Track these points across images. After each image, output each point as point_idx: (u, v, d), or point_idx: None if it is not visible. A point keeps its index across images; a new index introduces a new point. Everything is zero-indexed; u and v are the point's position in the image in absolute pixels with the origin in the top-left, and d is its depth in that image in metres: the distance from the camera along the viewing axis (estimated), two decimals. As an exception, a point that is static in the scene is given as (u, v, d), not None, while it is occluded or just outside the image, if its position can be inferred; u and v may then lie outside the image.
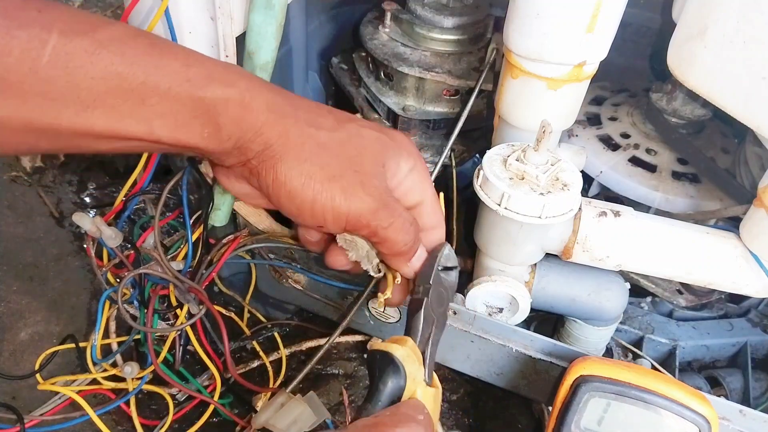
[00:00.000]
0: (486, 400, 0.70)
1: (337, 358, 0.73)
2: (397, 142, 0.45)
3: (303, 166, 0.41)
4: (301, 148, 0.41)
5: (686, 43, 0.49)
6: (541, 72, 0.55)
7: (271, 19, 0.49)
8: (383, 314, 0.61)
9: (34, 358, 0.68)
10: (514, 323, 0.59)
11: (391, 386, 0.37)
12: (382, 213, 0.42)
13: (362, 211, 0.41)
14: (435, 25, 0.68)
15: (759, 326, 0.71)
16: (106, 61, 0.33)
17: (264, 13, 0.49)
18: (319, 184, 0.41)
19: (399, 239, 0.43)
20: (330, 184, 0.41)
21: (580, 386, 0.45)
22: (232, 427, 0.64)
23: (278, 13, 0.49)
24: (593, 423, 0.45)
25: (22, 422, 0.60)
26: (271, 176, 0.41)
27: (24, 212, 0.88)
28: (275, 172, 0.41)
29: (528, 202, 0.50)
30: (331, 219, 0.42)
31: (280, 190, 0.41)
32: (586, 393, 0.44)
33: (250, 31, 0.50)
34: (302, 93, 0.78)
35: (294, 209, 0.42)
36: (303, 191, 0.41)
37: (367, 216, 0.42)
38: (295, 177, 0.41)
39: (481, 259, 0.61)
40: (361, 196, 0.41)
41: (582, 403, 0.45)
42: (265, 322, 0.73)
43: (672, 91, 0.67)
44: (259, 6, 0.49)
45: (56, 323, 0.74)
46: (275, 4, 0.49)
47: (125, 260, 0.58)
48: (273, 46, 0.51)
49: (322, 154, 0.41)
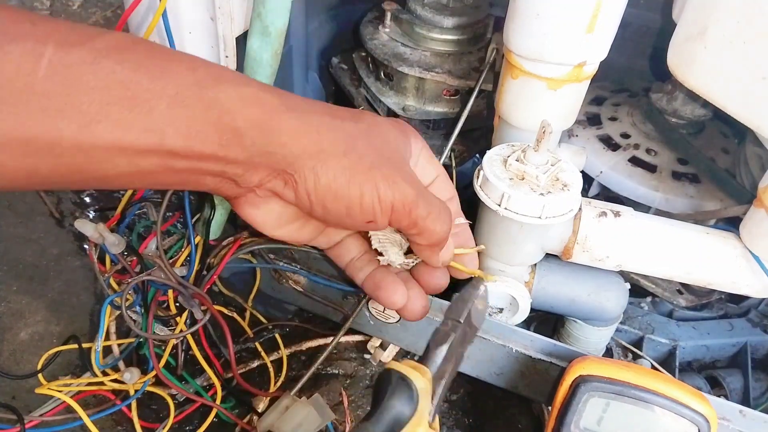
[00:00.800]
0: (486, 400, 0.70)
1: (337, 358, 0.73)
2: (404, 126, 0.46)
3: (343, 161, 0.38)
4: (335, 143, 0.38)
5: (686, 43, 0.49)
6: (541, 72, 0.55)
7: (267, 46, 0.49)
8: (383, 314, 0.61)
9: (34, 358, 0.68)
10: (514, 323, 0.59)
11: (397, 412, 0.36)
12: (421, 201, 0.40)
13: (406, 198, 0.39)
14: (435, 25, 0.68)
15: (759, 326, 0.71)
16: (106, 69, 0.32)
17: (261, 40, 0.49)
18: (362, 175, 0.38)
19: (437, 229, 0.42)
20: (372, 173, 0.38)
21: (579, 386, 0.45)
22: (233, 429, 0.64)
23: (274, 41, 0.49)
24: (593, 423, 0.45)
25: (23, 422, 0.60)
26: (312, 180, 0.38)
27: (24, 212, 0.88)
28: (316, 174, 0.37)
29: (528, 203, 0.50)
30: (380, 211, 0.39)
31: (326, 193, 0.38)
32: (585, 393, 0.44)
33: (247, 55, 0.50)
34: (302, 93, 0.78)
35: (343, 210, 0.39)
36: (350, 187, 0.38)
37: (410, 203, 0.40)
38: (339, 174, 0.38)
39: (481, 258, 0.61)
40: (401, 183, 0.39)
41: (581, 403, 0.45)
42: (266, 323, 0.73)
43: (672, 91, 0.67)
44: (256, 32, 0.49)
45: (56, 323, 0.74)
46: (272, 31, 0.49)
47: (128, 266, 0.58)
48: (268, 72, 0.51)
49: (357, 145, 0.39)
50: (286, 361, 0.70)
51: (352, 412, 0.68)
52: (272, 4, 0.48)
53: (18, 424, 0.60)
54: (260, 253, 0.62)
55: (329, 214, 0.40)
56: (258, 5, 0.48)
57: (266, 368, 0.69)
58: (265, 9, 0.48)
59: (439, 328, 0.41)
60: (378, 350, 0.69)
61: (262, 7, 0.48)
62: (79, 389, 0.64)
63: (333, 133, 0.38)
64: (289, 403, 0.54)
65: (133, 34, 0.53)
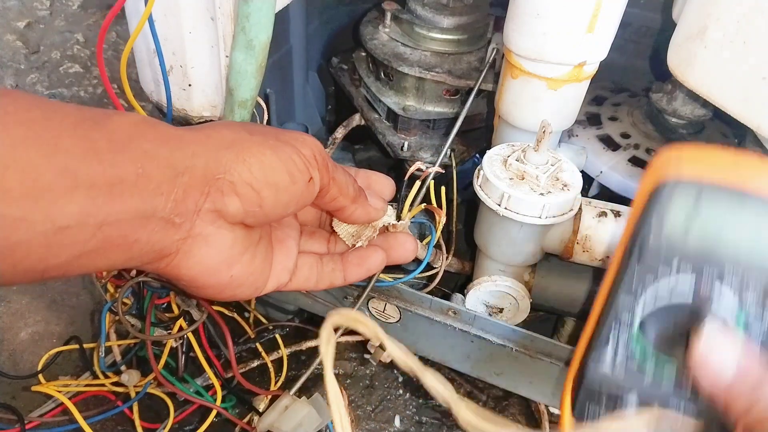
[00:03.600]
0: (486, 400, 0.70)
1: (337, 358, 0.73)
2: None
3: (255, 139, 0.36)
4: (238, 132, 0.36)
5: (686, 43, 0.49)
6: (541, 72, 0.55)
7: (251, 59, 0.50)
8: (383, 314, 0.61)
9: (34, 358, 0.68)
10: (514, 323, 0.59)
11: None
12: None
13: (319, 148, 0.38)
14: (435, 25, 0.68)
15: (759, 326, 0.71)
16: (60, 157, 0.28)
17: (245, 53, 0.49)
18: (276, 143, 0.36)
19: (344, 179, 0.41)
20: (283, 141, 0.37)
21: (665, 187, 0.35)
22: (233, 429, 0.64)
23: (258, 54, 0.49)
24: (679, 230, 0.36)
25: (23, 423, 0.60)
26: (246, 169, 0.35)
27: (24, 212, 0.88)
28: (245, 161, 0.35)
29: (528, 202, 0.50)
30: (311, 165, 0.38)
31: (265, 173, 0.36)
32: (670, 196, 0.35)
33: (232, 68, 0.50)
34: (302, 93, 0.78)
35: (286, 179, 0.37)
36: (279, 157, 0.36)
37: (324, 153, 0.39)
38: (262, 151, 0.36)
39: (481, 259, 0.61)
40: (307, 138, 0.38)
41: (665, 210, 0.36)
42: (267, 324, 0.73)
43: (672, 91, 0.67)
44: (240, 45, 0.49)
45: (56, 323, 0.74)
46: (255, 45, 0.49)
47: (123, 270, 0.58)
48: (252, 85, 0.51)
49: (254, 129, 0.38)
50: (286, 361, 0.70)
51: (352, 412, 0.68)
52: (255, 18, 0.48)
53: (18, 424, 0.60)
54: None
55: (278, 194, 0.36)
56: (242, 19, 0.48)
57: (266, 368, 0.69)
58: (249, 23, 0.48)
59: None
60: (378, 350, 0.69)
61: (246, 21, 0.48)
62: (78, 390, 0.65)
63: (227, 127, 0.37)
64: (289, 403, 0.54)
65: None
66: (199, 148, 0.34)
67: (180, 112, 0.55)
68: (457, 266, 0.65)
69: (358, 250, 0.46)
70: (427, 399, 0.70)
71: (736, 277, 0.36)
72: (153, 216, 0.32)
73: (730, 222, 0.37)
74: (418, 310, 0.58)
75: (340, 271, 0.45)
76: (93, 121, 0.30)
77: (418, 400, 0.70)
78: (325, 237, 0.48)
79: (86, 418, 0.60)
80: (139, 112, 0.54)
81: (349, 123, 0.76)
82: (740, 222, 0.37)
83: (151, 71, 0.55)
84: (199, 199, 0.34)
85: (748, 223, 0.36)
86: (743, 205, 0.36)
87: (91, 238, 0.29)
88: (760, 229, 0.36)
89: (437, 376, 0.38)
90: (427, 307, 0.58)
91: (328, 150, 0.72)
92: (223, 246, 0.36)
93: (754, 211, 0.36)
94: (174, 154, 0.32)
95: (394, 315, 0.60)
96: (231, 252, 0.37)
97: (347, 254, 0.46)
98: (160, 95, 0.56)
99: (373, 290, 0.58)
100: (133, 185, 0.30)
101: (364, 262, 0.45)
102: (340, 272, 0.45)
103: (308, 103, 0.79)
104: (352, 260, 0.45)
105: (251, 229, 0.38)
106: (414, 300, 0.58)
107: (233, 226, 0.36)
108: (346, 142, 0.80)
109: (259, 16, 0.48)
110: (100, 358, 0.64)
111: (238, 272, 0.38)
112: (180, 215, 0.33)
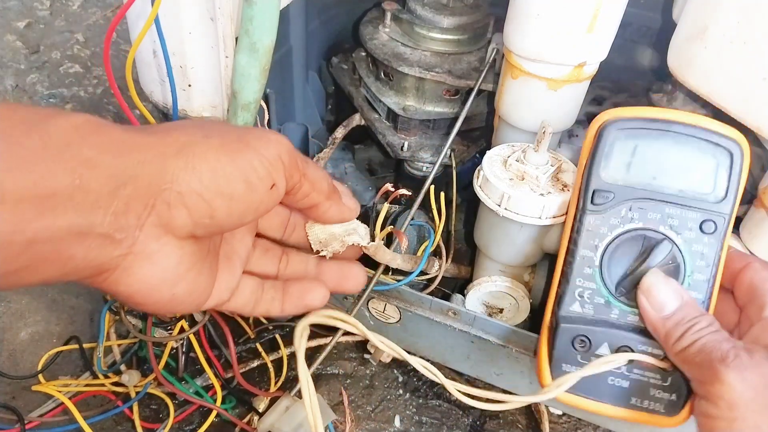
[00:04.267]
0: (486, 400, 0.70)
1: (337, 358, 0.73)
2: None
3: (211, 142, 0.33)
4: (192, 133, 0.33)
5: (686, 43, 0.49)
6: (541, 72, 0.55)
7: (254, 62, 0.49)
8: (383, 314, 0.61)
9: (34, 358, 0.68)
10: (514, 323, 0.59)
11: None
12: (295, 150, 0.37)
13: (287, 148, 0.35)
14: (435, 25, 0.68)
15: (759, 326, 0.71)
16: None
17: (248, 56, 0.49)
18: (237, 145, 0.34)
19: (318, 173, 0.39)
20: (244, 142, 0.34)
21: (604, 130, 0.42)
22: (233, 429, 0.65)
23: (262, 57, 0.49)
24: (622, 170, 0.42)
25: (23, 423, 0.60)
26: (195, 177, 0.32)
27: (24, 212, 0.88)
28: (195, 169, 0.32)
29: (528, 203, 0.50)
30: (274, 169, 0.35)
31: (217, 181, 0.33)
32: (611, 135, 0.41)
33: (235, 71, 0.50)
34: (302, 93, 0.78)
35: (242, 187, 0.33)
36: (235, 161, 0.33)
37: (293, 151, 0.36)
38: (216, 155, 0.33)
39: (481, 259, 0.61)
40: (273, 136, 0.35)
41: (608, 148, 0.42)
42: (267, 324, 0.73)
43: (672, 91, 0.67)
44: (243, 48, 0.49)
45: (56, 323, 0.74)
46: (259, 48, 0.49)
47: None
48: (256, 87, 0.51)
49: (211, 129, 0.34)
50: (286, 361, 0.70)
51: (352, 412, 0.68)
52: (259, 21, 0.47)
53: (18, 424, 0.60)
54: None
55: (232, 204, 0.33)
56: (245, 22, 0.48)
57: (266, 368, 0.69)
58: (253, 26, 0.48)
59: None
60: (378, 350, 0.69)
61: (250, 24, 0.48)
62: (78, 390, 0.65)
63: (181, 129, 0.33)
64: (290, 403, 0.54)
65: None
66: (147, 155, 0.31)
67: (180, 112, 0.55)
68: (453, 271, 0.64)
69: (301, 283, 0.44)
70: (427, 399, 0.70)
71: (676, 212, 0.41)
72: (90, 232, 0.29)
73: (666, 155, 0.41)
74: (418, 310, 0.58)
75: (279, 301, 0.43)
76: (29, 125, 0.27)
77: (418, 400, 0.70)
78: (278, 256, 0.45)
79: (86, 418, 0.60)
80: (144, 112, 0.54)
81: (349, 123, 0.76)
82: (673, 154, 0.41)
83: (151, 71, 0.55)
84: (142, 213, 0.31)
85: (680, 155, 0.41)
86: (676, 139, 0.41)
87: (20, 256, 0.27)
88: (689, 159, 0.41)
89: (421, 360, 0.42)
90: (427, 308, 0.58)
91: (328, 150, 0.72)
92: (167, 264, 0.33)
93: (686, 143, 0.41)
94: (117, 162, 0.29)
95: (394, 315, 0.60)
96: (176, 270, 0.34)
97: (289, 285, 0.43)
98: (160, 95, 0.56)
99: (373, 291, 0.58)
100: (68, 198, 0.27)
101: (305, 296, 0.43)
102: (278, 302, 0.43)
103: (308, 103, 0.79)
104: (293, 293, 0.43)
105: (201, 241, 0.35)
106: (414, 300, 0.58)
107: (181, 240, 0.33)
108: (346, 142, 0.80)
109: (262, 19, 0.47)
110: (98, 358, 0.64)
111: (180, 290, 0.35)
112: (121, 230, 0.30)
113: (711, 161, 0.41)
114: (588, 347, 0.42)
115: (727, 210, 0.41)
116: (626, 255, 0.41)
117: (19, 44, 1.20)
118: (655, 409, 0.41)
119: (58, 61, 1.17)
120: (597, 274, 0.42)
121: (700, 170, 0.41)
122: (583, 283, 0.42)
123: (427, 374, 0.42)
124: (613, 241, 0.42)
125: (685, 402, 0.40)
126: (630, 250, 0.41)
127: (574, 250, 0.42)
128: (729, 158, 0.41)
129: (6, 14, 1.27)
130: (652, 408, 0.42)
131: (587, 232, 0.42)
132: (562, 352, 0.42)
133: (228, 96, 0.54)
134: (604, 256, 0.42)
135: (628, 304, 0.41)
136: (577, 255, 0.42)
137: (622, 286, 0.41)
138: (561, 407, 0.68)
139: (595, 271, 0.42)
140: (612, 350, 0.42)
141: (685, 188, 0.41)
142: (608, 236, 0.42)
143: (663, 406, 0.41)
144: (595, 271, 0.42)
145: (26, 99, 1.07)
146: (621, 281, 0.41)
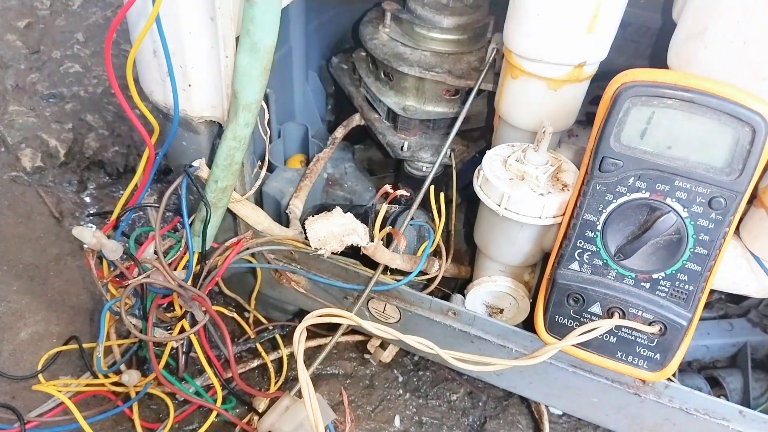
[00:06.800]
0: (486, 400, 0.70)
1: (337, 358, 0.73)
2: None
3: None
4: None
5: (686, 43, 0.49)
6: (541, 72, 0.55)
7: (255, 62, 0.49)
8: (383, 314, 0.61)
9: (34, 358, 0.68)
10: (514, 323, 0.59)
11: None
12: None
13: None
14: (435, 25, 0.68)
15: (759, 326, 0.71)
16: None
17: (249, 56, 0.49)
18: None
19: None
20: None
21: (620, 95, 0.39)
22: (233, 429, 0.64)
23: (263, 57, 0.49)
24: (635, 137, 0.40)
25: (23, 423, 0.60)
26: None
27: (24, 212, 0.88)
28: None
29: (528, 203, 0.50)
30: None
31: None
32: (626, 101, 0.39)
33: (236, 71, 0.50)
34: (302, 93, 0.78)
35: None
36: None
37: None
38: None
39: (481, 259, 0.61)
40: None
41: (623, 114, 0.39)
42: (267, 324, 0.73)
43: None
44: (244, 48, 0.49)
45: (56, 323, 0.74)
46: (260, 48, 0.49)
47: (125, 271, 0.58)
48: (257, 87, 0.51)
49: None
50: (286, 361, 0.70)
51: (352, 412, 0.68)
52: (260, 21, 0.47)
53: (18, 423, 0.60)
54: (260, 254, 0.62)
55: None
56: (247, 22, 0.48)
57: (266, 368, 0.70)
58: (254, 26, 0.47)
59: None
60: (378, 350, 0.69)
61: (251, 24, 0.48)
62: (78, 390, 0.65)
63: None
64: (290, 403, 0.54)
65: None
66: None
67: (180, 112, 0.55)
68: (452, 271, 0.64)
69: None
70: (427, 399, 0.70)
71: (686, 186, 0.40)
72: None
73: (683, 125, 0.40)
74: (418, 310, 0.58)
75: None
76: None
77: (418, 400, 0.70)
78: None
79: (86, 418, 0.60)
80: (144, 112, 0.54)
81: (349, 123, 0.76)
82: (692, 125, 0.39)
83: (151, 71, 0.55)
84: None
85: (698, 127, 0.39)
86: (696, 110, 0.39)
87: None
88: (708, 132, 0.39)
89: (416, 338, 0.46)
90: (427, 308, 0.58)
91: (328, 150, 0.72)
92: None
93: (705, 114, 0.39)
94: None
95: (393, 315, 0.60)
96: None
97: None
98: (160, 95, 0.56)
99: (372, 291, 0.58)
100: None
101: None
102: None
103: (308, 103, 0.79)
104: None
105: None
106: (414, 301, 0.58)
107: None
108: (346, 142, 0.80)
109: (263, 20, 0.47)
110: (98, 358, 0.64)
111: None
112: None
113: (731, 135, 0.38)
114: (581, 304, 0.44)
115: (741, 188, 0.39)
116: (630, 223, 0.42)
117: (19, 44, 1.20)
118: (639, 365, 0.44)
119: (58, 61, 1.17)
120: (598, 237, 0.43)
121: (718, 144, 0.38)
122: (584, 245, 0.43)
123: (422, 348, 0.45)
124: (617, 208, 0.42)
125: (667, 361, 0.43)
126: (634, 218, 0.41)
127: (579, 213, 0.43)
128: (751, 134, 0.38)
129: (6, 14, 1.27)
130: (636, 363, 0.44)
131: (593, 197, 0.42)
132: (556, 306, 0.45)
133: (228, 96, 0.54)
134: (608, 222, 0.42)
135: (626, 267, 0.42)
136: (581, 218, 0.43)
137: (621, 252, 0.42)
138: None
139: (597, 234, 0.43)
140: (603, 310, 0.43)
141: (699, 161, 0.39)
142: (613, 203, 0.42)
143: (646, 363, 0.44)
144: (597, 234, 0.43)
145: (26, 99, 1.07)
146: (621, 247, 0.42)
